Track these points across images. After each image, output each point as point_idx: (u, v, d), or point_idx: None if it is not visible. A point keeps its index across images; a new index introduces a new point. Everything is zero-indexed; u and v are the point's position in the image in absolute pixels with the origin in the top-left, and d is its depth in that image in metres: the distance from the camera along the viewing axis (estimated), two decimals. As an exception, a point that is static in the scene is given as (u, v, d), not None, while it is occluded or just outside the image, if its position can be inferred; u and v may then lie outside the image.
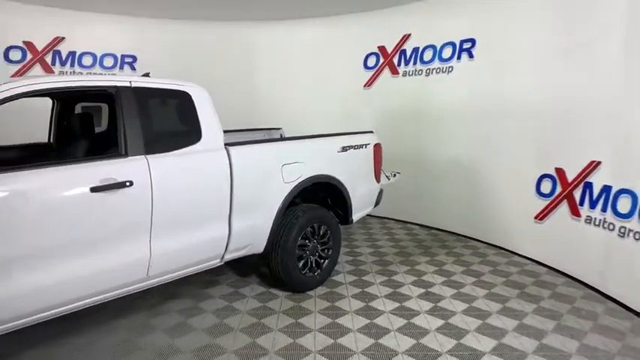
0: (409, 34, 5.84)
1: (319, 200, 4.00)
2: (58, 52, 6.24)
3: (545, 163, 4.33)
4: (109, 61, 6.57)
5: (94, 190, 2.35)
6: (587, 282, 3.87)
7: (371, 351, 2.78)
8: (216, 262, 3.14)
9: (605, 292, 3.66)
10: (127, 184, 2.47)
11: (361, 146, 4.09)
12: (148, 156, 2.62)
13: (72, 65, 6.36)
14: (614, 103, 3.59)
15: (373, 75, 6.22)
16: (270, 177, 3.29)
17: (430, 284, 3.88)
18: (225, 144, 3.07)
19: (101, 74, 6.50)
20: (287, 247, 3.44)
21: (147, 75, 3.26)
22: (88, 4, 5.98)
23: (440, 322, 3.17)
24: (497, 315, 3.30)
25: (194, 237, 2.86)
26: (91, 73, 6.45)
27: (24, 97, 2.28)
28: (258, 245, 3.36)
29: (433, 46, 5.57)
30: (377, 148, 4.29)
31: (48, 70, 6.18)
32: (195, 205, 2.84)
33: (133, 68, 6.69)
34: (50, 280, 2.23)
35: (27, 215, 2.14)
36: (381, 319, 3.21)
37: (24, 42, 6.01)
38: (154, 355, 2.72)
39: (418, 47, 5.74)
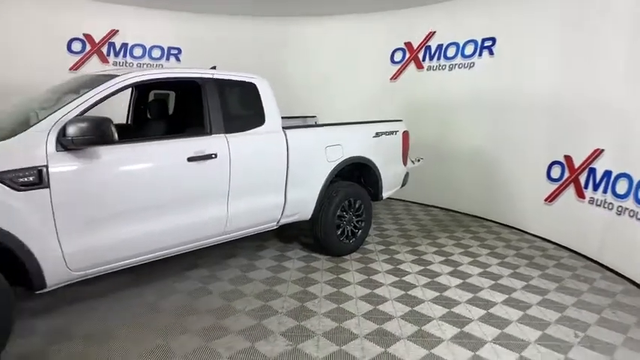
0: (434, 32, 6.36)
1: (354, 179, 4.58)
2: (113, 44, 6.90)
3: (556, 151, 4.85)
4: (156, 53, 7.21)
5: (189, 159, 2.99)
6: (588, 255, 4.41)
7: (403, 299, 3.39)
8: (273, 225, 3.77)
9: (603, 263, 4.21)
10: (213, 155, 3.10)
11: (392, 133, 4.66)
12: (226, 134, 3.24)
13: (124, 56, 7.02)
14: (615, 98, 4.10)
15: (399, 69, 6.76)
16: (317, 156, 3.90)
17: (450, 254, 4.47)
18: (282, 127, 3.68)
19: (150, 64, 7.17)
20: (328, 217, 4.05)
21: (214, 68, 3.86)
22: (139, -1, 6.62)
23: (459, 281, 3.77)
24: (508, 278, 3.88)
25: (258, 202, 3.49)
26: (140, 64, 7.12)
27: (135, 86, 2.91)
28: (306, 213, 3.98)
29: (456, 43, 6.08)
30: (405, 135, 4.85)
31: (104, 60, 6.85)
32: (260, 176, 3.47)
33: (178, 59, 7.33)
34: (160, 229, 2.88)
35: (145, 176, 2.79)
36: (409, 278, 3.82)
37: (84, 34, 6.68)
38: (223, 297, 3.37)
39: (442, 44, 6.26)
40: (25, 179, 2.34)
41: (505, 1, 5.46)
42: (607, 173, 4.23)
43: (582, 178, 4.52)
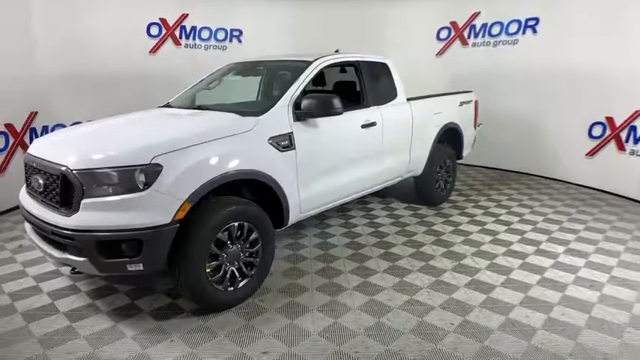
0: (478, 12, 7.21)
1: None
2: (184, 27, 7.44)
3: (596, 114, 5.88)
4: (221, 35, 7.78)
5: (362, 126, 3.83)
6: (630, 196, 5.52)
7: (510, 232, 4.38)
8: (398, 180, 4.66)
9: (644, 201, 5.34)
10: (374, 123, 3.95)
11: (469, 102, 5.58)
12: (379, 106, 4.09)
13: (193, 38, 7.57)
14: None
15: (445, 45, 7.62)
16: (429, 122, 4.78)
17: (520, 200, 5.49)
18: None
19: (215, 46, 7.76)
20: (432, 173, 4.98)
21: (337, 51, 4.62)
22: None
23: (541, 218, 4.80)
24: (576, 214, 4.94)
25: (396, 159, 4.38)
26: (207, 46, 7.69)
27: (327, 68, 3.73)
28: (419, 170, 4.88)
29: (500, 23, 6.96)
30: (476, 103, 5.78)
31: (177, 43, 7.39)
32: (397, 139, 4.35)
33: (240, 41, 7.93)
34: (352, 178, 3.78)
35: (343, 139, 3.65)
36: (503, 217, 4.82)
37: (160, 18, 7.19)
38: (377, 235, 4.27)
39: (487, 23, 7.13)
40: (284, 142, 3.14)
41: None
42: (646, 130, 5.30)
43: (623, 135, 5.58)
